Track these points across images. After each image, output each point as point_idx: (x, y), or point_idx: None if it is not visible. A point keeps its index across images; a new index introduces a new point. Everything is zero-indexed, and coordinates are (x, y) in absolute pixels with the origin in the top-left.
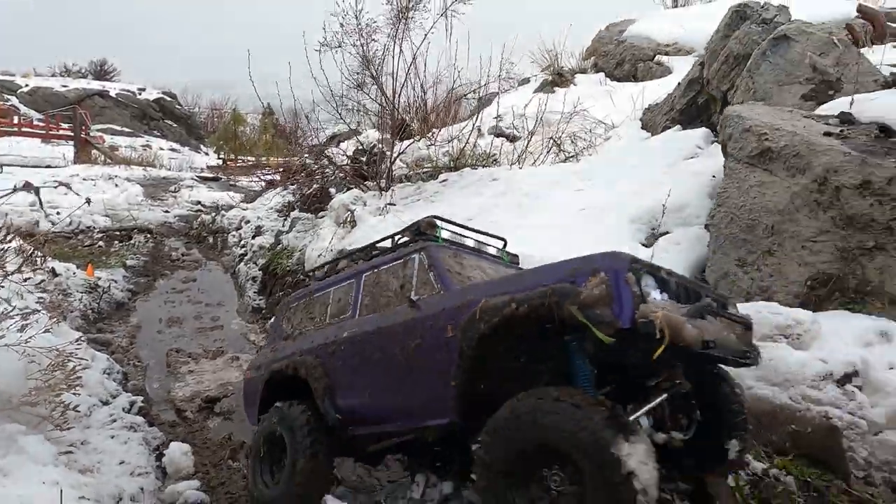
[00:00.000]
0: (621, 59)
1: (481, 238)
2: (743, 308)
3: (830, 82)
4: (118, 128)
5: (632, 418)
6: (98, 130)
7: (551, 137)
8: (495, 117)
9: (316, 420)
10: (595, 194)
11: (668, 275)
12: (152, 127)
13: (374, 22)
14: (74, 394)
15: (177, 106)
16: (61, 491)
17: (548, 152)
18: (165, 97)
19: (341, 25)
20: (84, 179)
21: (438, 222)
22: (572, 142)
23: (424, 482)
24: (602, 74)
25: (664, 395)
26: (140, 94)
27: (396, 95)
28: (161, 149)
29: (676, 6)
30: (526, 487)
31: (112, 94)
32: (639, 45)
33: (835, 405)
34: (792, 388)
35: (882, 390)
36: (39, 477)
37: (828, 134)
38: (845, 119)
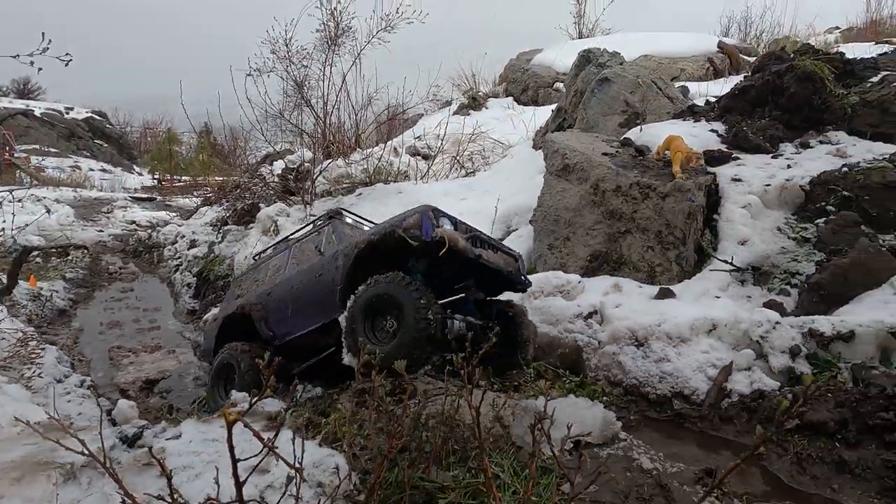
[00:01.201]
0: (526, 85)
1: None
2: (537, 276)
3: (638, 113)
4: (44, 148)
5: (441, 301)
6: (23, 151)
7: (454, 156)
8: (416, 137)
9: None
10: (473, 202)
11: (462, 223)
12: (81, 147)
13: (305, 49)
14: (37, 366)
15: (107, 125)
16: (37, 411)
17: (451, 169)
18: (95, 116)
19: (272, 52)
20: (10, 203)
21: (343, 211)
22: (471, 160)
23: (303, 388)
24: (511, 99)
25: (462, 295)
26: (67, 113)
27: (327, 116)
28: (91, 169)
29: (581, 37)
30: (373, 328)
31: (37, 113)
32: (540, 73)
33: (581, 333)
34: (560, 324)
35: (609, 321)
36: (21, 407)
37: (605, 154)
38: (625, 143)
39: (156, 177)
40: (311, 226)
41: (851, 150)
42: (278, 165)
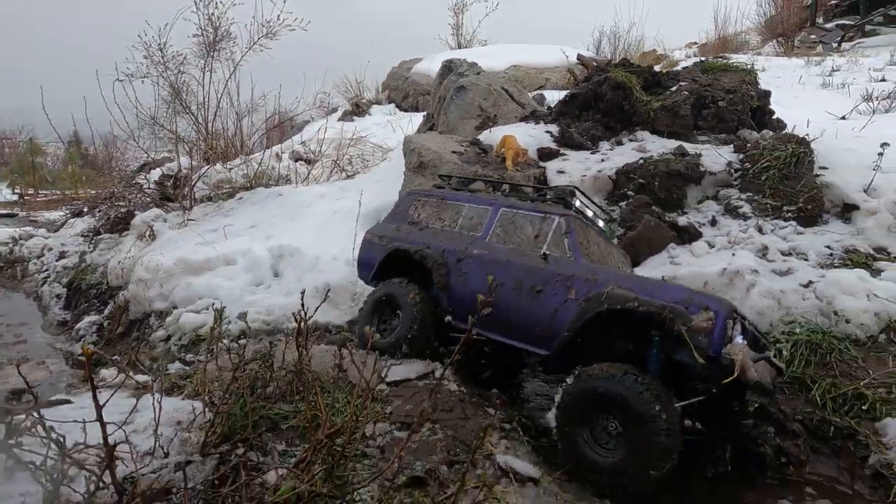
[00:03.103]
0: (407, 92)
1: (595, 210)
2: None
3: (490, 117)
4: None
5: (677, 405)
6: None
7: (335, 160)
8: (301, 143)
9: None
10: (348, 202)
11: (749, 324)
12: None
13: (181, 55)
14: None
15: None
16: None
17: (331, 173)
18: None
19: (146, 57)
20: None
21: (577, 192)
22: (351, 164)
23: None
24: (393, 105)
25: (701, 397)
26: None
27: (208, 123)
28: None
29: (460, 48)
30: (588, 427)
31: None
32: (419, 81)
33: None
34: None
35: None
36: None
37: (454, 152)
38: (473, 143)
39: (17, 191)
40: (532, 191)
41: (650, 146)
42: (156, 173)
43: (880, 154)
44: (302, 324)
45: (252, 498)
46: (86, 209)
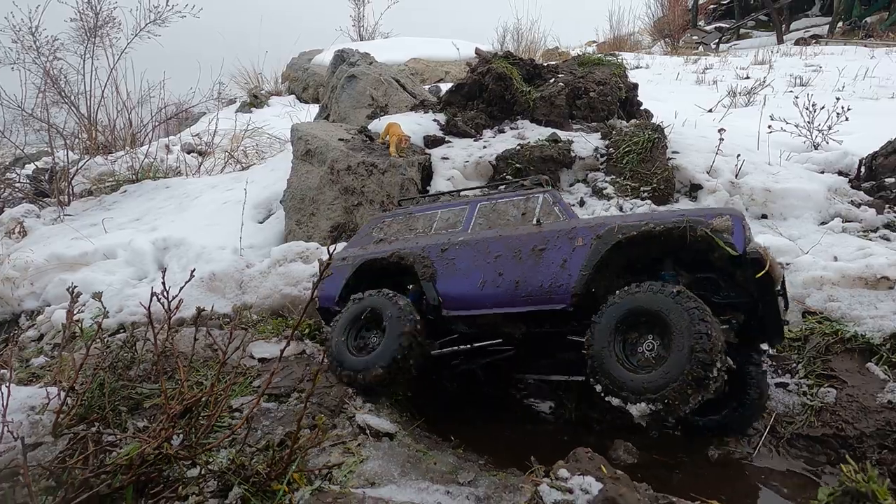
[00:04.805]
0: (307, 84)
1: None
2: (281, 247)
3: (381, 107)
4: None
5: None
6: None
7: (228, 152)
8: (194, 135)
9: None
10: (238, 192)
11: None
12: None
13: (57, 40)
14: None
15: None
16: None
17: (226, 164)
18: None
19: (15, 42)
20: None
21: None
22: (245, 155)
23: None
24: (293, 97)
25: (742, 316)
26: None
27: (92, 114)
28: None
29: (362, 40)
30: (624, 348)
31: None
32: (319, 72)
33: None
34: (300, 284)
35: None
36: None
37: (341, 139)
38: (361, 130)
39: None
40: (505, 185)
41: (528, 134)
42: (31, 168)
43: (721, 140)
44: (164, 304)
45: (99, 466)
46: None
